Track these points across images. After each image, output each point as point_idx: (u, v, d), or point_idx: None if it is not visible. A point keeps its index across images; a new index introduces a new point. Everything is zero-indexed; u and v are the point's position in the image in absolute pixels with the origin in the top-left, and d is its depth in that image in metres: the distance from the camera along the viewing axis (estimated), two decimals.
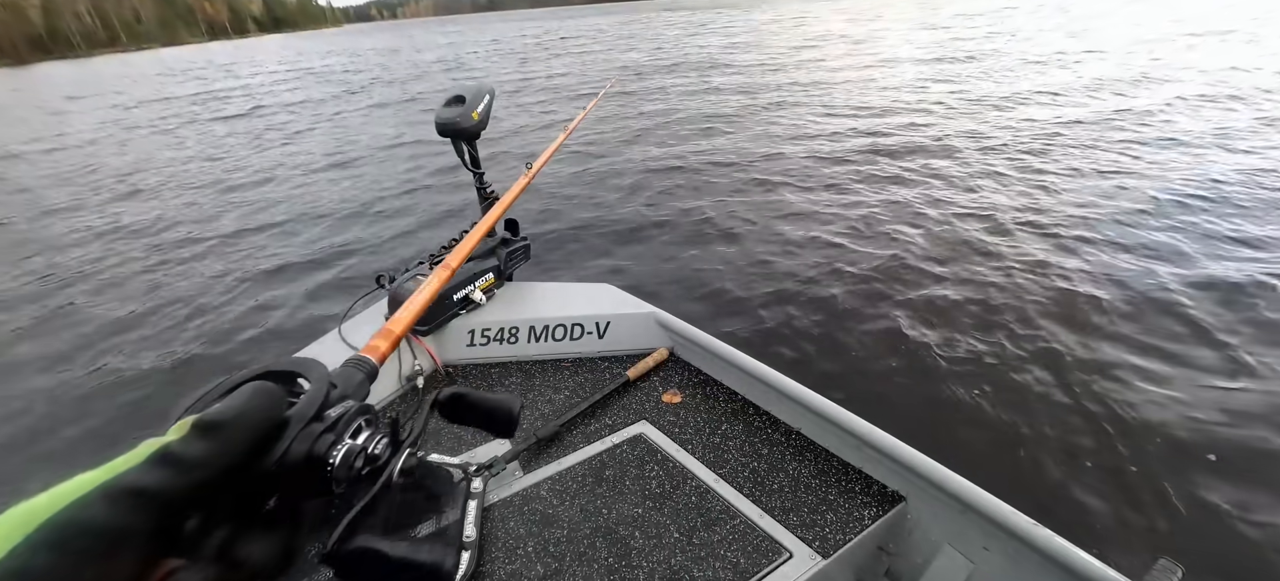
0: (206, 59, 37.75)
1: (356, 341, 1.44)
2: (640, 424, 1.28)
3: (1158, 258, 2.97)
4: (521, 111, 8.70)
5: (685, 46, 16.57)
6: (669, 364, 1.46)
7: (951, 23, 17.09)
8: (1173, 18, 13.41)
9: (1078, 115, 5.83)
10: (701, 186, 4.65)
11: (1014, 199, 3.88)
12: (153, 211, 5.42)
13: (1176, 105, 5.87)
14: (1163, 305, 2.56)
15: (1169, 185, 3.87)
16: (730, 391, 1.35)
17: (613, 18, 38.76)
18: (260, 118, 10.74)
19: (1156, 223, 3.35)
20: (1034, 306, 2.65)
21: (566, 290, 1.68)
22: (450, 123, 1.47)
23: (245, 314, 3.35)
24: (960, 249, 3.24)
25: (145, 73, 28.85)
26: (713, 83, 9.82)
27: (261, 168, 6.82)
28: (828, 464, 1.13)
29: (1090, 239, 3.22)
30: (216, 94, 15.40)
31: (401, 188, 5.46)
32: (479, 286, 1.58)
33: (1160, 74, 7.46)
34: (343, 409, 0.34)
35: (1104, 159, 4.52)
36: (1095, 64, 8.62)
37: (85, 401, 2.68)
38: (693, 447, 1.20)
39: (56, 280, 4.06)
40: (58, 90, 23.09)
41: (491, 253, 1.65)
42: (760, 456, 1.17)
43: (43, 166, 8.13)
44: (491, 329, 1.54)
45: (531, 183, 1.26)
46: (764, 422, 1.25)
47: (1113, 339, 2.38)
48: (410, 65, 19.21)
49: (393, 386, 1.43)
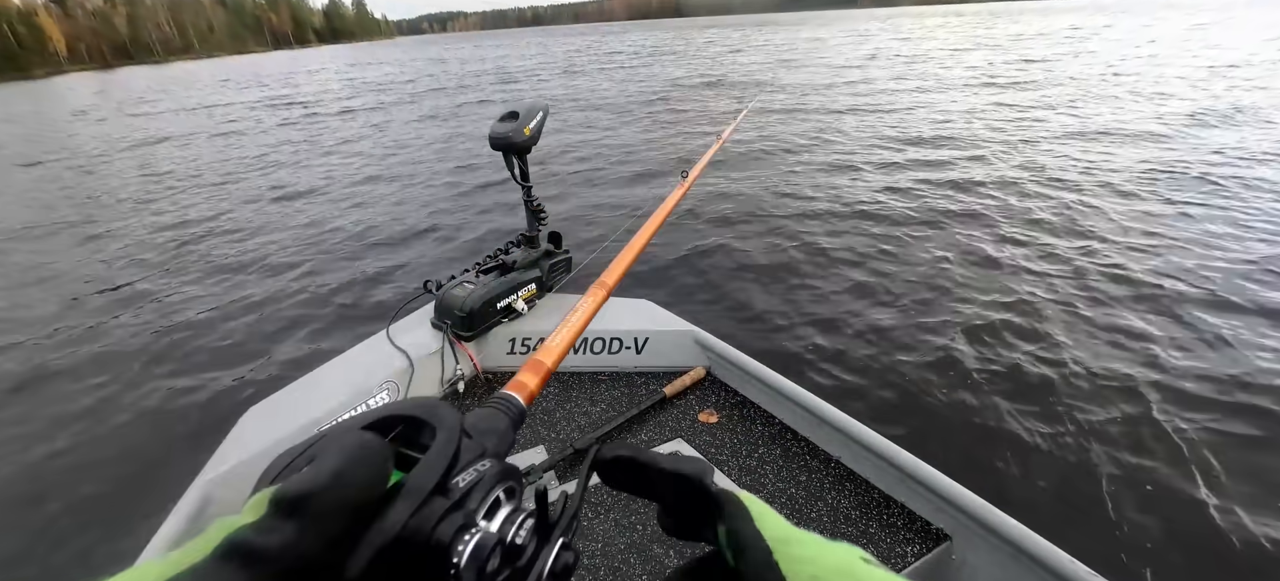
0: (278, 68, 39.91)
1: (404, 344, 1.49)
2: (676, 441, 1.27)
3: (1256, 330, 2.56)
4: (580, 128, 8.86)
5: (726, 64, 16.62)
6: (706, 383, 1.46)
7: (1007, 44, 16.61)
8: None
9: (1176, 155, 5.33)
10: (753, 213, 4.52)
11: (1091, 235, 3.67)
12: (196, 212, 5.78)
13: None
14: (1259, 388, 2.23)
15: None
16: (768, 414, 1.33)
17: (656, 34, 39.25)
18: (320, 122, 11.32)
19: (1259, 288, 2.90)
20: (1101, 347, 2.49)
21: (606, 304, 1.69)
22: (503, 137, 1.51)
23: (308, 300, 3.53)
24: (1021, 282, 3.10)
25: (229, 77, 30.83)
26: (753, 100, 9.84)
27: (316, 177, 7.17)
28: (869, 496, 1.10)
29: (1171, 292, 2.92)
30: (289, 100, 16.31)
31: (451, 199, 5.64)
32: (521, 296, 1.62)
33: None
34: (477, 475, 0.27)
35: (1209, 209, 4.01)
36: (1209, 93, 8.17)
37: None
38: (728, 469, 1.19)
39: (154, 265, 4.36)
40: (135, 93, 24.92)
41: (535, 264, 1.69)
42: (799, 483, 1.14)
43: (129, 162, 8.77)
44: (531, 338, 1.57)
45: (687, 191, 1.23)
46: (802, 449, 1.23)
47: (1191, 402, 2.15)
48: (470, 73, 19.89)
49: (434, 390, 1.47)
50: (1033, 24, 24.22)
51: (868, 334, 2.72)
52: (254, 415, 1.30)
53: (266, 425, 1.26)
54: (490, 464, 0.28)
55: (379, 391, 1.37)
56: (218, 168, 7.81)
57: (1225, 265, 3.14)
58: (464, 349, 1.52)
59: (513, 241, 1.73)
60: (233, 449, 1.20)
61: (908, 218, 4.16)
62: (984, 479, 1.85)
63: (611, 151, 6.88)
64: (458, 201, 5.48)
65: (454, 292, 1.53)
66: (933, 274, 3.25)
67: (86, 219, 5.81)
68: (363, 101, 14.41)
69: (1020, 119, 7.24)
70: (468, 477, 0.26)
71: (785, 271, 3.46)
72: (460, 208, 5.29)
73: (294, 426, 1.24)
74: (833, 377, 2.46)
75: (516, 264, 1.64)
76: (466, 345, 1.53)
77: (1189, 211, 3.94)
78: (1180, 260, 3.23)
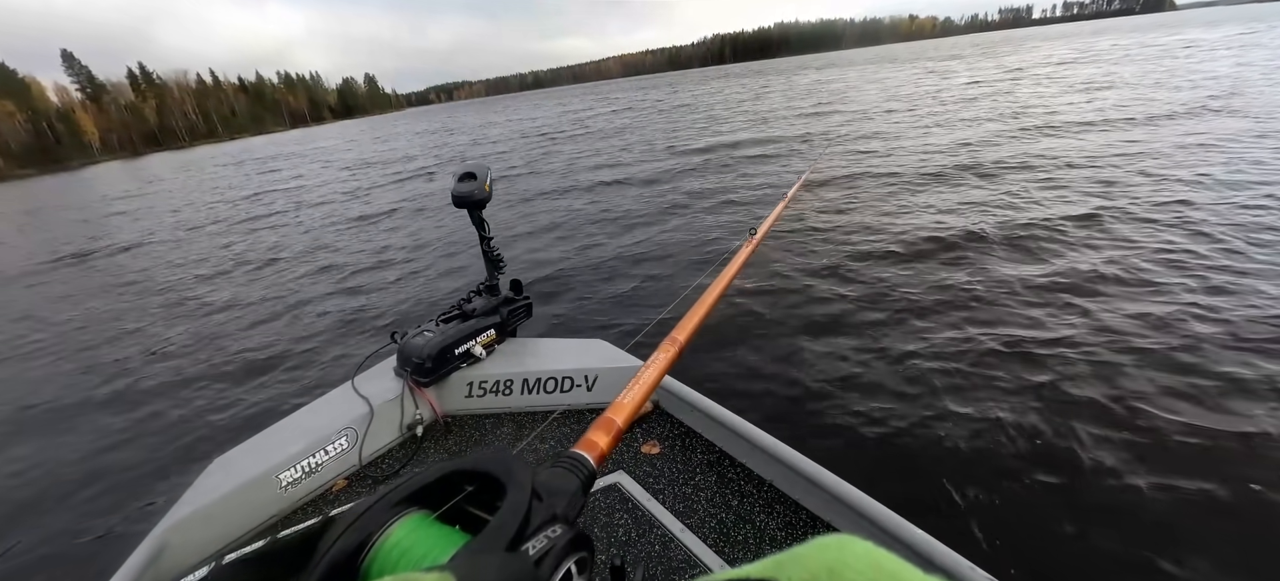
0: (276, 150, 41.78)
1: (367, 392, 1.57)
2: (617, 474, 1.31)
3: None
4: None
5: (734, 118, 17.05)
6: (653, 417, 1.51)
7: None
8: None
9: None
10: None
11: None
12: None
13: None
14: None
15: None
16: (708, 444, 1.37)
17: (653, 93, 40.55)
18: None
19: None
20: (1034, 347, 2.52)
21: (562, 345, 1.78)
22: (467, 195, 1.63)
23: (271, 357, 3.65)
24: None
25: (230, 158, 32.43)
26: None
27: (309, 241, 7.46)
28: (797, 517, 1.13)
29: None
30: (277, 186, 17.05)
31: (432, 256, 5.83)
32: (480, 341, 1.71)
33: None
34: (548, 542, 0.26)
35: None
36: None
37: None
38: (664, 498, 1.22)
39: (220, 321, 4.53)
40: (157, 173, 26.24)
41: (494, 310, 1.78)
42: (729, 507, 1.18)
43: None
44: (489, 381, 1.65)
45: (755, 250, 1.37)
46: (738, 475, 1.26)
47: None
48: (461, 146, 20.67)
49: (393, 435, 1.54)
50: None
51: (823, 370, 2.72)
52: (218, 465, 1.37)
53: (227, 475, 1.32)
54: (561, 530, 0.27)
55: (338, 438, 1.44)
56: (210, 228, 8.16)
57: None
58: (423, 394, 1.59)
59: (474, 291, 1.84)
60: (192, 497, 1.26)
61: (909, 242, 4.23)
62: (923, 497, 1.89)
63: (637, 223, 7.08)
64: (438, 257, 5.70)
65: (414, 341, 1.62)
66: (892, 295, 3.28)
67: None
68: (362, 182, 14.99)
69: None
70: (539, 544, 0.25)
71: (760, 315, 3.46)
72: (440, 263, 5.50)
73: (253, 474, 1.30)
74: (776, 406, 2.48)
75: (476, 311, 1.74)
76: (426, 390, 1.60)
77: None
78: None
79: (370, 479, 1.42)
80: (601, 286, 4.19)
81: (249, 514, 1.28)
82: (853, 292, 3.42)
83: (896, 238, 4.30)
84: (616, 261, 4.68)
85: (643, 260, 4.62)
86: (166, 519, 1.20)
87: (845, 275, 3.72)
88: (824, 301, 3.34)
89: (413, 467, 1.45)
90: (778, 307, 3.33)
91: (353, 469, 1.45)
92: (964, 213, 4.74)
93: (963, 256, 3.81)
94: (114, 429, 3.13)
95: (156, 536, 1.16)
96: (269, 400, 3.23)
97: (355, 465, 1.45)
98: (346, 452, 1.44)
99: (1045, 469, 1.94)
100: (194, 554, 1.19)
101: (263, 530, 1.28)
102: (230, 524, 1.26)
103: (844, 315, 3.16)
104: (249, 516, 1.28)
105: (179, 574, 1.15)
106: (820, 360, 2.74)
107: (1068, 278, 3.31)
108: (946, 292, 3.29)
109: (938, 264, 3.73)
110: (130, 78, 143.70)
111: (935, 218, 4.70)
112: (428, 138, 25.90)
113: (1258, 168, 5.08)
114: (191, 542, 1.20)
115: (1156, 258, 3.47)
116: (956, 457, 2.04)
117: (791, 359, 2.80)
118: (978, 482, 1.90)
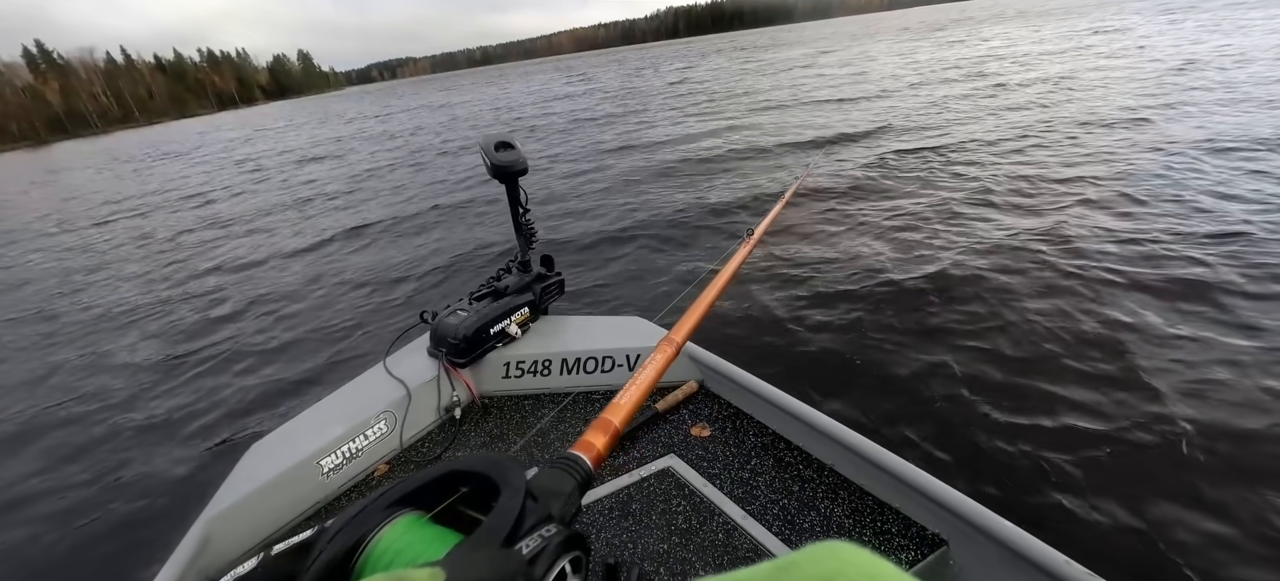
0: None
1: (401, 374, 1.49)
2: (669, 457, 1.25)
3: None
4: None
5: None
6: (699, 397, 1.45)
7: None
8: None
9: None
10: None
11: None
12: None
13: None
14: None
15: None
16: (761, 425, 1.32)
17: (618, 68, 39.48)
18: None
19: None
20: (1092, 351, 2.35)
21: (598, 323, 1.71)
22: (508, 165, 1.52)
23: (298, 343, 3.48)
24: (1010, 288, 2.95)
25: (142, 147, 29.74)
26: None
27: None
28: (862, 503, 1.08)
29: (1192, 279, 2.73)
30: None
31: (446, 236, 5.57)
32: (515, 320, 1.63)
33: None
34: (542, 542, 0.26)
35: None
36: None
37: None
38: (721, 483, 1.17)
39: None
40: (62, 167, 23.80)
41: (527, 288, 1.71)
42: (791, 493, 1.12)
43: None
44: (526, 361, 1.57)
45: (753, 249, 1.28)
46: (796, 458, 1.21)
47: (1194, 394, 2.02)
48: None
49: (431, 417, 1.47)
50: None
51: (863, 342, 2.67)
52: (256, 452, 1.30)
53: (266, 462, 1.25)
54: (555, 530, 0.27)
55: (376, 422, 1.36)
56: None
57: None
58: (459, 375, 1.52)
59: (505, 268, 1.76)
60: (233, 486, 1.20)
61: (900, 224, 4.16)
62: (980, 482, 1.80)
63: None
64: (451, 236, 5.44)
65: (448, 321, 1.54)
66: (926, 278, 3.20)
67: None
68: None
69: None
70: (532, 543, 0.25)
71: (779, 283, 3.42)
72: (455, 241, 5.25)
73: (294, 460, 1.23)
74: (826, 387, 2.39)
75: (509, 289, 1.66)
76: (462, 371, 1.52)
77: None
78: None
79: (412, 462, 1.36)
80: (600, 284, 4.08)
81: (293, 502, 1.23)
82: (855, 289, 3.26)
83: (893, 233, 4.09)
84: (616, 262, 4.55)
85: (641, 262, 4.54)
86: (209, 508, 1.14)
87: (845, 274, 3.52)
88: (824, 301, 3.25)
89: (454, 451, 1.39)
90: (779, 304, 3.29)
91: (394, 452, 1.38)
92: (970, 199, 4.47)
93: (963, 256, 3.58)
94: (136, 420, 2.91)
95: (201, 526, 1.10)
96: (292, 386, 3.06)
97: (396, 449, 1.38)
98: (387, 436, 1.37)
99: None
100: (240, 543, 1.15)
101: (308, 518, 1.23)
102: (276, 512, 1.21)
103: (848, 310, 3.02)
104: (293, 504, 1.23)
105: (227, 564, 1.10)
106: (826, 356, 2.63)
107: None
108: (948, 284, 3.16)
109: (937, 261, 3.49)
110: (27, 56, 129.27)
111: (927, 207, 4.46)
112: (433, 114, 23.97)
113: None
114: (237, 531, 1.15)
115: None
116: (1022, 453, 1.89)
117: (794, 355, 2.70)
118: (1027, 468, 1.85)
